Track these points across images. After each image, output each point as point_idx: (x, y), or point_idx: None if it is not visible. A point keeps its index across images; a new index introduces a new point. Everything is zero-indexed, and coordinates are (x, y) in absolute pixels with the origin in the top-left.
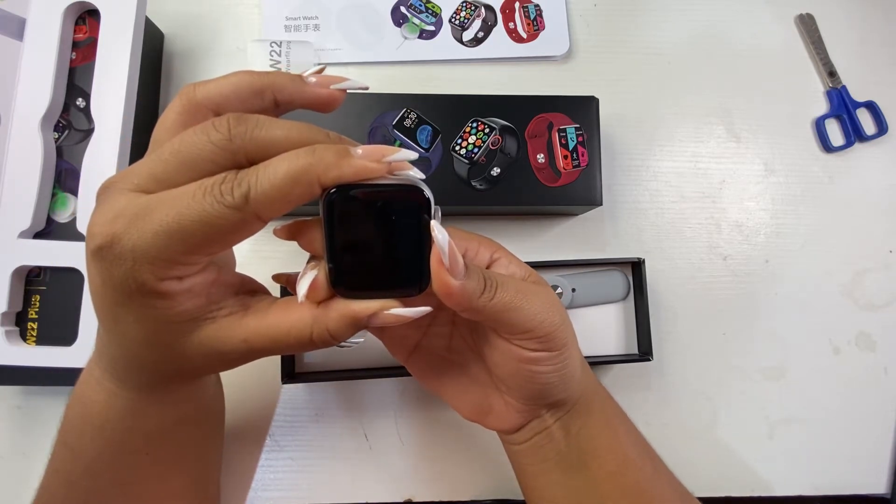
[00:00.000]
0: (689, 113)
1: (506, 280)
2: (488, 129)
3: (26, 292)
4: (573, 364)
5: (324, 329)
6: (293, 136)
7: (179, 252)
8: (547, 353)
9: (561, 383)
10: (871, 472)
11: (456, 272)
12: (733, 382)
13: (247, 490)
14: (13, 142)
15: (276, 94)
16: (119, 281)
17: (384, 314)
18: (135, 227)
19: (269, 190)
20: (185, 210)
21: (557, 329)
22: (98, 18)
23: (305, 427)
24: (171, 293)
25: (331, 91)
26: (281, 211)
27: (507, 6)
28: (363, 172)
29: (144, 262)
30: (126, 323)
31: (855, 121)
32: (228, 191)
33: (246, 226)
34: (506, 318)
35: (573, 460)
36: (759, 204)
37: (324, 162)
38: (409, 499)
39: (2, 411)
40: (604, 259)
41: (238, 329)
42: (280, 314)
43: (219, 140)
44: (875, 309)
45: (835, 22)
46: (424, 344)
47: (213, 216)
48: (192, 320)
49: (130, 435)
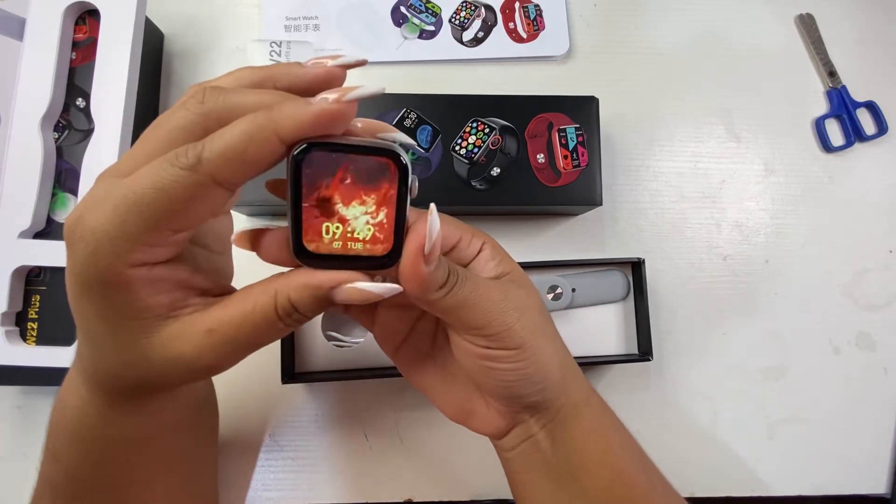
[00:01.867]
0: (689, 113)
1: (467, 276)
2: (488, 129)
3: (26, 292)
4: (541, 365)
5: (286, 299)
6: (265, 99)
7: (140, 227)
8: (502, 352)
9: (524, 383)
10: (871, 472)
11: (430, 260)
12: (733, 382)
13: (247, 490)
14: (13, 142)
15: (275, 84)
16: (81, 266)
17: (348, 288)
18: (97, 206)
19: (223, 148)
20: (141, 179)
21: (510, 329)
22: (98, 18)
23: (305, 427)
24: (133, 282)
25: (328, 68)
26: (241, 173)
27: (507, 6)
28: (323, 117)
29: (106, 244)
30: (88, 316)
31: (855, 121)
32: (183, 152)
33: (203, 190)
34: (455, 315)
35: (562, 471)
36: (759, 204)
37: (281, 113)
38: (409, 499)
39: (2, 411)
40: (604, 259)
41: (201, 321)
42: (241, 295)
43: (193, 106)
44: (875, 309)
45: (835, 22)
46: (411, 339)
47: (166, 180)
48: (154, 318)
49: (106, 443)
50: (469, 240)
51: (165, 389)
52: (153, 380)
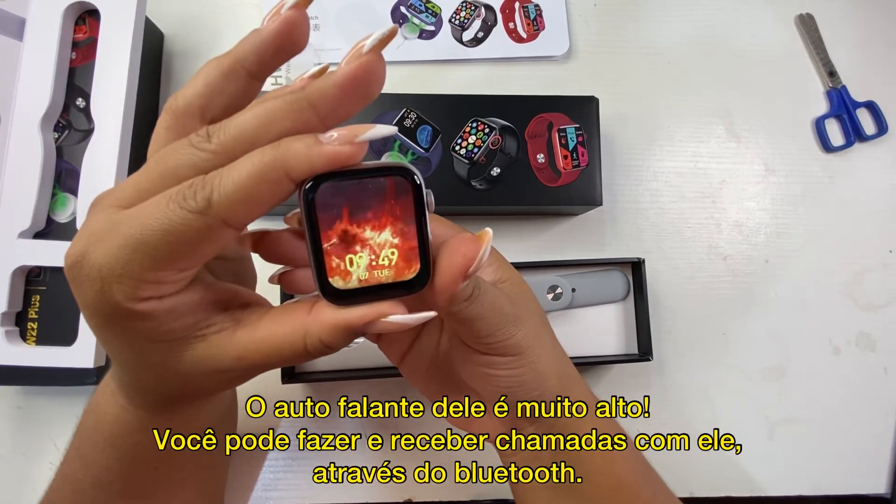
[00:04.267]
0: (689, 113)
1: (487, 287)
2: (488, 129)
3: (26, 292)
4: (537, 373)
5: (317, 340)
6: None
7: (146, 267)
8: (500, 359)
9: (521, 390)
10: (871, 472)
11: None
12: (733, 382)
13: (247, 490)
14: (13, 142)
15: (244, 65)
16: (93, 303)
17: (382, 323)
18: (102, 244)
19: (233, 191)
20: (147, 220)
21: (512, 338)
22: (98, 18)
23: (305, 427)
24: (150, 314)
25: (283, 16)
26: (252, 214)
27: (507, 6)
28: (336, 160)
29: (112, 281)
30: (114, 345)
31: (855, 121)
32: (192, 195)
33: (212, 233)
34: (469, 325)
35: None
36: (759, 204)
37: (290, 153)
38: (409, 499)
39: (2, 411)
40: (604, 259)
41: (230, 347)
42: (271, 327)
43: (198, 142)
44: (875, 309)
45: (835, 22)
46: (416, 347)
47: (175, 223)
48: (180, 340)
49: (141, 450)
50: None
51: (202, 397)
52: (189, 391)
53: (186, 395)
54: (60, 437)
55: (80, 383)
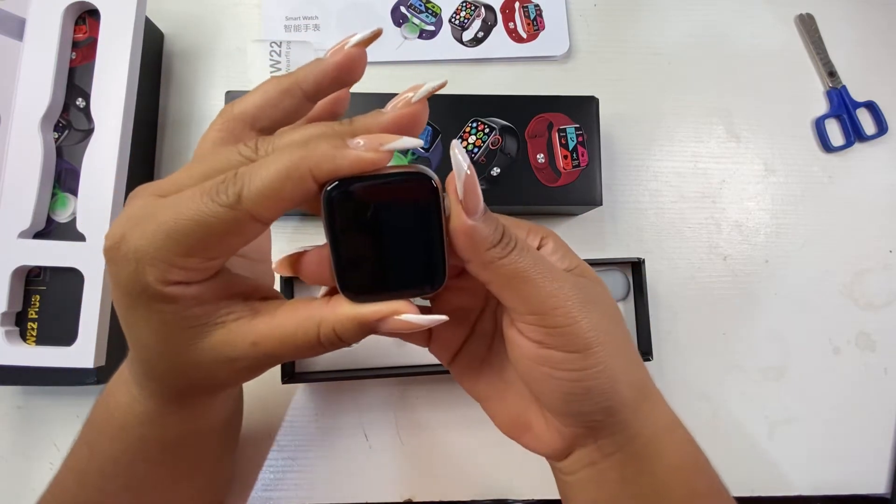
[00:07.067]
0: (689, 113)
1: (530, 249)
2: (488, 129)
3: (26, 292)
4: (607, 378)
5: (330, 330)
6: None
7: (177, 253)
8: (562, 354)
9: (585, 398)
10: (871, 472)
11: (470, 208)
12: (733, 382)
13: (248, 490)
14: (13, 142)
15: (301, 86)
16: (126, 282)
17: (394, 321)
18: (139, 228)
19: (262, 187)
20: (182, 209)
21: (575, 324)
22: (98, 18)
23: (305, 427)
24: (177, 297)
25: (347, 52)
26: (278, 210)
27: (507, 6)
28: (359, 165)
29: (146, 263)
30: (137, 327)
31: (855, 121)
32: (224, 189)
33: (241, 226)
34: (514, 288)
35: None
36: (759, 204)
37: (316, 154)
38: (409, 499)
39: (2, 411)
40: (604, 259)
41: (247, 332)
42: (288, 313)
43: (245, 151)
44: (875, 309)
45: (835, 22)
46: (468, 344)
47: (206, 215)
48: (201, 325)
49: (147, 443)
50: (525, 235)
51: (213, 391)
52: (202, 381)
53: (197, 387)
54: (60, 437)
55: (80, 383)
